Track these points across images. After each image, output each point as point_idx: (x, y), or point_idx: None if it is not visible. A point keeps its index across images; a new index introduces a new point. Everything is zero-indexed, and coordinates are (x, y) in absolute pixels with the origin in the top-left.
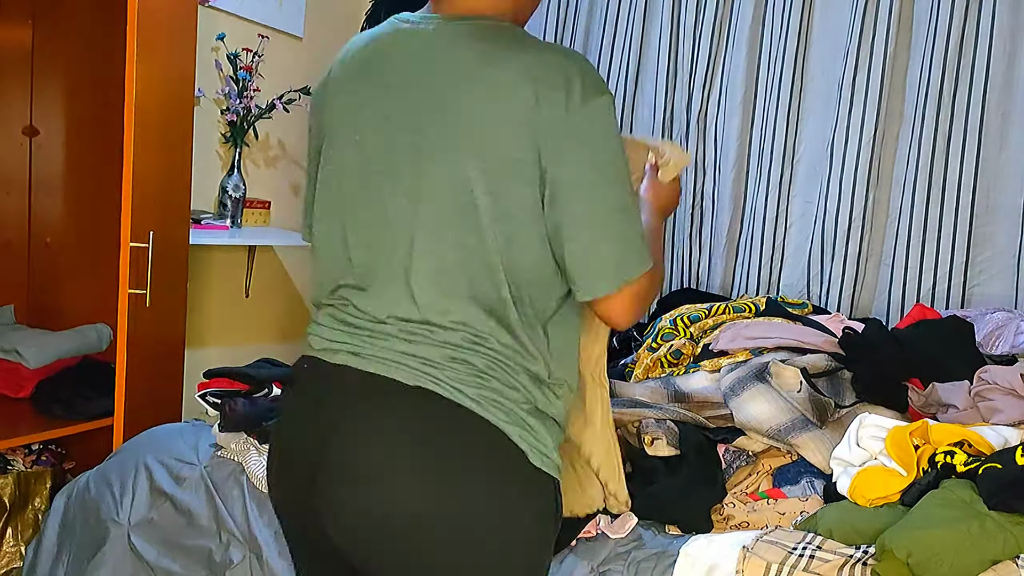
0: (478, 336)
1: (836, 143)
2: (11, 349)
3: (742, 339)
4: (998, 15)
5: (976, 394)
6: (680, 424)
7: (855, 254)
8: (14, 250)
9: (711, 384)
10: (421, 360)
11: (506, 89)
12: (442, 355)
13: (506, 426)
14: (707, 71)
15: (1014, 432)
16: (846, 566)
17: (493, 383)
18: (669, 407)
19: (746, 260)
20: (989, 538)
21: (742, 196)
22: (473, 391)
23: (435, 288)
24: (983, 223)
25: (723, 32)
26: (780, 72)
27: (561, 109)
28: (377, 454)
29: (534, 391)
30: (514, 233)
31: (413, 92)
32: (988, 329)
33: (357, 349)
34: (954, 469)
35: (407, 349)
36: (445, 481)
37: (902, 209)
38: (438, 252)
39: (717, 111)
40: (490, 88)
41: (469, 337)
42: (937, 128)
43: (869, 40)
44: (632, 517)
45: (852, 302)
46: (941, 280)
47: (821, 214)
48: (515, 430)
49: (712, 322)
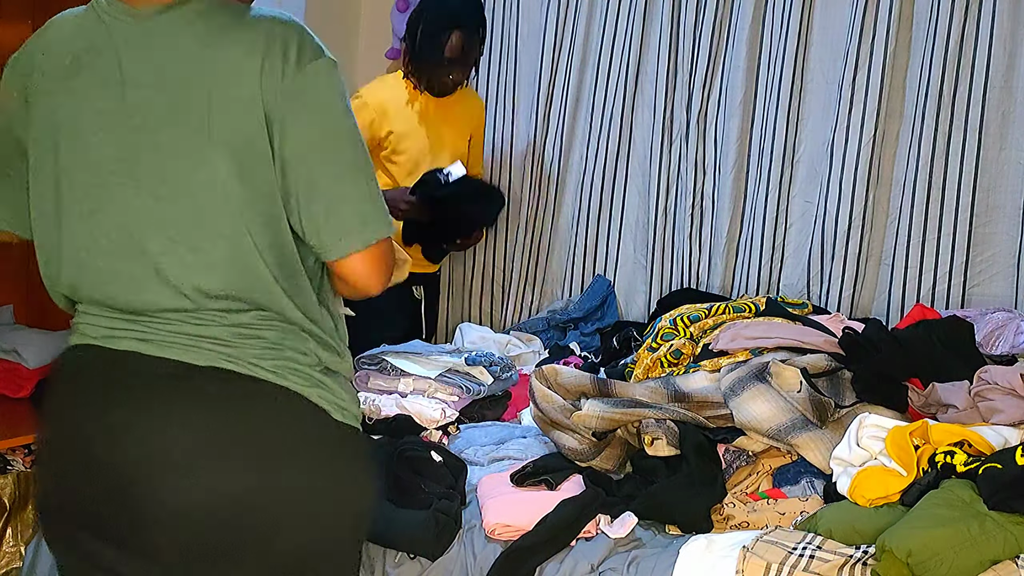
0: (263, 313)
1: (836, 143)
2: (11, 349)
3: (742, 339)
4: (998, 15)
5: (976, 394)
6: (680, 424)
7: (855, 254)
8: (14, 250)
9: (711, 384)
10: (212, 340)
11: (235, 70)
12: (232, 334)
13: (305, 389)
14: (707, 71)
15: (1014, 432)
16: (846, 566)
17: (287, 352)
18: (669, 407)
19: (746, 260)
20: (989, 538)
21: (742, 196)
22: (269, 363)
23: (204, 279)
24: (983, 223)
25: (723, 32)
26: (780, 72)
27: (279, 77)
28: (189, 441)
29: (322, 353)
30: (269, 212)
31: (140, 89)
32: (988, 329)
33: (143, 335)
34: (954, 469)
35: (196, 332)
36: (266, 455)
37: (902, 209)
38: (200, 247)
39: (717, 111)
40: (220, 72)
41: (256, 315)
42: (937, 128)
43: (869, 40)
44: (632, 517)
45: (852, 302)
46: (941, 280)
47: (821, 214)
48: (314, 391)
49: (712, 322)
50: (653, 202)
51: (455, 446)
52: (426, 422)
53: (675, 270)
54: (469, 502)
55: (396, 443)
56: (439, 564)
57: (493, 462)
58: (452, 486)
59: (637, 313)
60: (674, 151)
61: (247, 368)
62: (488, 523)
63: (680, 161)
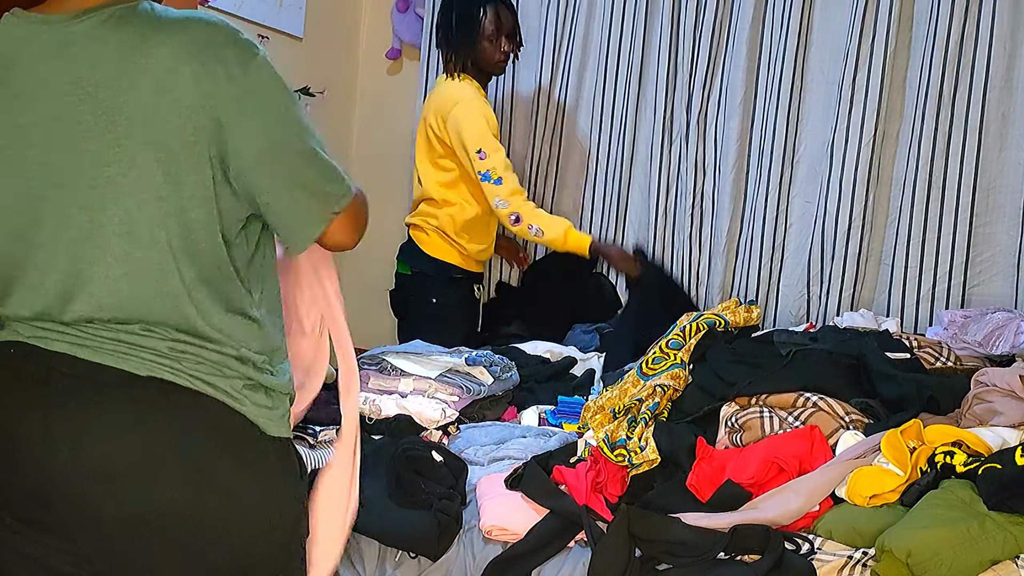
0: (190, 330)
1: (836, 143)
2: None
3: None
4: (998, 15)
5: (974, 396)
6: (669, 425)
7: (855, 254)
8: None
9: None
10: (151, 351)
11: (164, 77)
12: (169, 347)
13: (242, 407)
14: (707, 71)
15: (1012, 432)
16: (846, 566)
17: (224, 369)
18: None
19: (746, 260)
20: (989, 538)
21: (742, 196)
22: (209, 378)
23: (133, 289)
24: (983, 223)
25: (723, 32)
26: (780, 72)
27: (222, 82)
28: (128, 451)
29: (249, 370)
30: (194, 220)
31: (60, 100)
32: (988, 329)
33: (78, 340)
34: (954, 469)
35: (134, 340)
36: (200, 469)
37: (902, 209)
38: (129, 255)
39: (717, 111)
40: (146, 80)
41: (181, 331)
42: (937, 128)
43: (869, 40)
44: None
45: (852, 302)
46: (941, 280)
47: (821, 214)
48: (250, 409)
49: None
50: (653, 202)
51: (455, 446)
52: (426, 422)
53: (675, 270)
54: (469, 502)
55: (398, 443)
56: (439, 564)
57: (493, 462)
58: (453, 486)
59: None
60: (674, 151)
61: (188, 381)
62: (484, 524)
63: (680, 161)
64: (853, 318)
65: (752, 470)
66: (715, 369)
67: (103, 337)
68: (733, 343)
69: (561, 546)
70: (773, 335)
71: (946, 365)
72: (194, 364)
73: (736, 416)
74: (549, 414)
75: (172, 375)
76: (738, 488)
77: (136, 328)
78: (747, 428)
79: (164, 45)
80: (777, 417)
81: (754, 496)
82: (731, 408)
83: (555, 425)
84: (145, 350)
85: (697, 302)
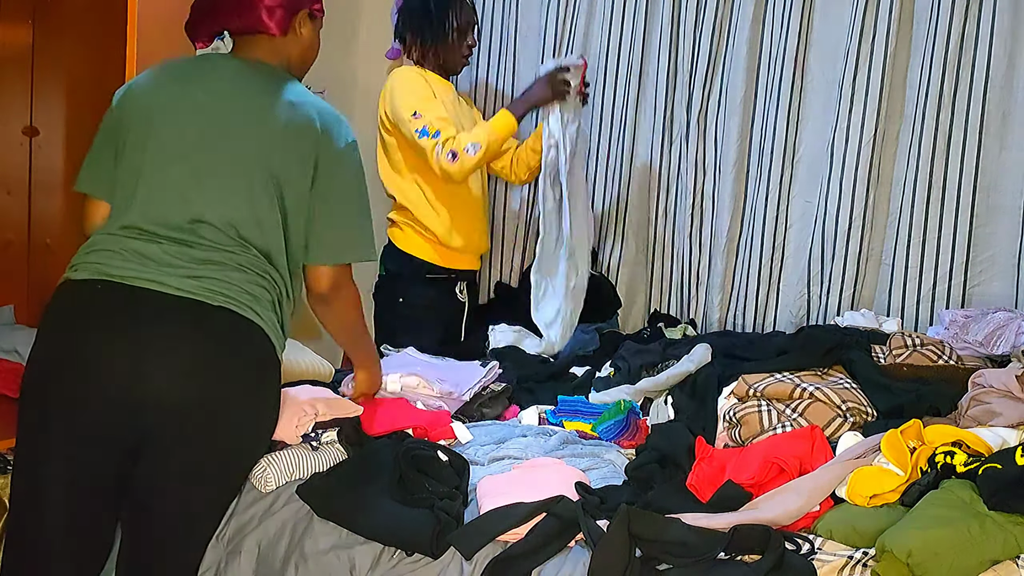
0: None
1: (836, 143)
2: (11, 349)
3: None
4: (998, 15)
5: (971, 399)
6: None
7: (855, 254)
8: (14, 250)
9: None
10: (210, 278)
11: (299, 129)
12: (242, 278)
13: (276, 342)
14: (707, 71)
15: (1012, 432)
16: (846, 567)
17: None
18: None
19: (746, 260)
20: (989, 538)
21: (742, 196)
22: (258, 309)
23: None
24: (983, 223)
25: (723, 32)
26: (780, 72)
27: (330, 146)
28: (181, 360)
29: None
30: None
31: (228, 103)
32: (988, 329)
33: (152, 277)
34: (954, 469)
35: (199, 256)
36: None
37: (902, 209)
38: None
39: (717, 111)
40: (288, 116)
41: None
42: (937, 128)
43: (869, 40)
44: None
45: (852, 302)
46: (941, 280)
47: (821, 214)
48: (278, 344)
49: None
50: (653, 202)
51: (455, 445)
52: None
53: (675, 270)
54: (470, 501)
55: (402, 443)
56: (440, 563)
57: (493, 462)
58: (457, 486)
59: (637, 313)
60: (674, 151)
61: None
62: None
63: (680, 161)
64: (854, 318)
65: (752, 470)
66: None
67: (178, 261)
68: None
69: (561, 546)
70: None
71: (948, 363)
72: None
73: (735, 410)
74: (549, 414)
75: (225, 300)
76: (738, 488)
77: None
78: (745, 423)
79: (303, 111)
80: (775, 411)
81: (754, 496)
82: (729, 402)
83: (555, 424)
84: (207, 269)
85: (697, 302)
